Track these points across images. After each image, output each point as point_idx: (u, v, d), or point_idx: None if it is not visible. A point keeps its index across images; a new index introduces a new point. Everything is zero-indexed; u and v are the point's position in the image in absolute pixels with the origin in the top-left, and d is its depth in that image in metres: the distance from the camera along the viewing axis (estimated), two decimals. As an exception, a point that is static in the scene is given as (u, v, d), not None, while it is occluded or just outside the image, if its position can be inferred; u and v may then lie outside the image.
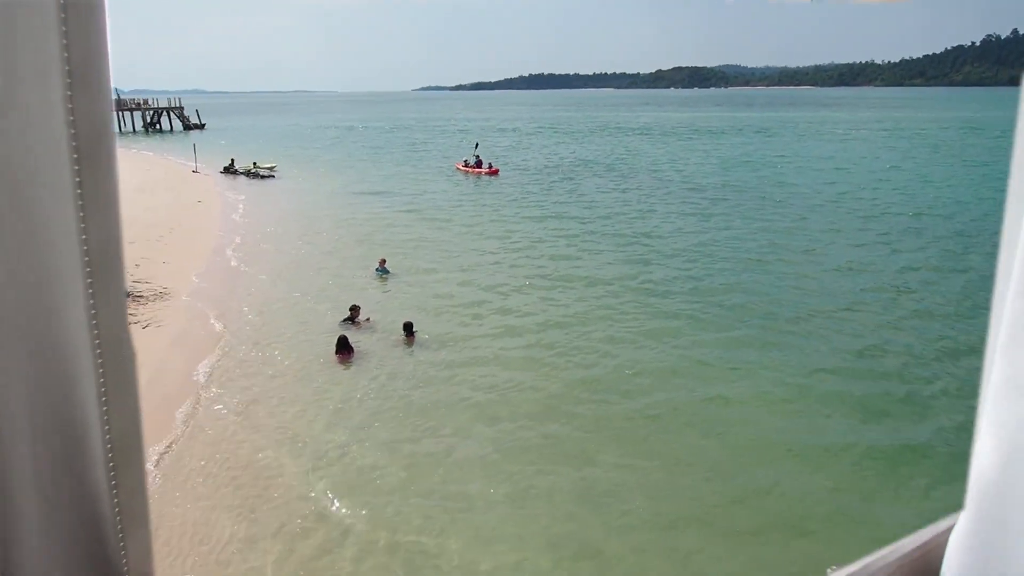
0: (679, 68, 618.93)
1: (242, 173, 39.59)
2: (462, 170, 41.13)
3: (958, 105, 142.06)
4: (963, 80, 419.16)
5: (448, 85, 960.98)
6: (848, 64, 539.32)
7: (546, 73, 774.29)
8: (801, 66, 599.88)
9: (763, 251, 20.30)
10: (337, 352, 12.53)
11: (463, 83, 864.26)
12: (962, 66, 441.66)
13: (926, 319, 14.46)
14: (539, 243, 21.68)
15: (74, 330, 0.75)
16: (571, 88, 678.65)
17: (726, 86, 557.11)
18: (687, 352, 12.69)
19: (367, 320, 14.27)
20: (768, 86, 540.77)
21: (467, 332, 13.84)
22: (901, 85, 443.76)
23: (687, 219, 25.49)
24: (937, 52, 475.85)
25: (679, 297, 15.94)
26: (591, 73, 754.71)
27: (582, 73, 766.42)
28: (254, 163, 41.63)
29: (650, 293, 16.22)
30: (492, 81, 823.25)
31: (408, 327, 13.50)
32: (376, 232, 23.69)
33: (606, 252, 20.40)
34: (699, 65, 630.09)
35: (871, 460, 9.18)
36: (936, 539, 0.99)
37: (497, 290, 16.70)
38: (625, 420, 10.18)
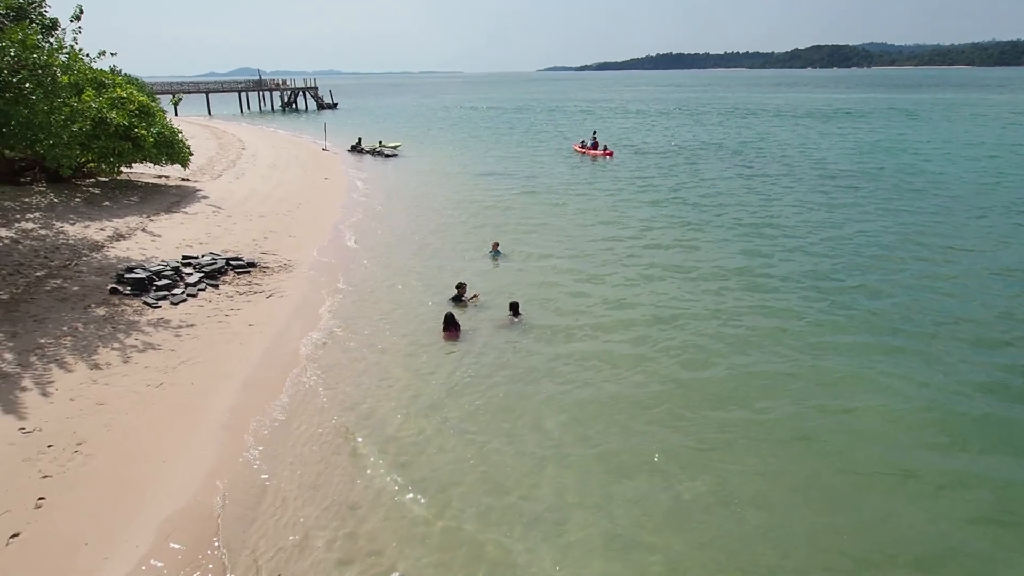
0: (817, 47, 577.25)
1: (368, 152, 41.33)
2: (579, 151, 41.18)
3: None
4: None
5: (573, 66, 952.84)
6: (1011, 42, 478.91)
7: (675, 53, 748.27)
8: (956, 44, 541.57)
9: (900, 247, 18.55)
10: (444, 330, 12.70)
11: (588, 63, 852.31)
12: None
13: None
14: (653, 230, 20.98)
15: None
16: (700, 68, 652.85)
17: (869, 66, 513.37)
18: (807, 357, 11.74)
19: (473, 298, 14.40)
20: (917, 66, 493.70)
21: (573, 320, 13.58)
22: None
23: (816, 210, 23.77)
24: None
25: (801, 295, 14.84)
26: (722, 52, 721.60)
27: (712, 53, 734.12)
28: (380, 142, 43.39)
29: (769, 290, 15.22)
30: (618, 61, 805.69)
31: (515, 307, 13.50)
32: (491, 213, 23.86)
33: (724, 243, 19.41)
34: (840, 43, 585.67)
35: (1017, 495, 8.14)
36: None
37: (607, 278, 16.31)
38: (733, 428, 9.55)
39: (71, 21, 16.08)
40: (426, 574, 6.92)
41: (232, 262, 16.12)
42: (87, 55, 16.86)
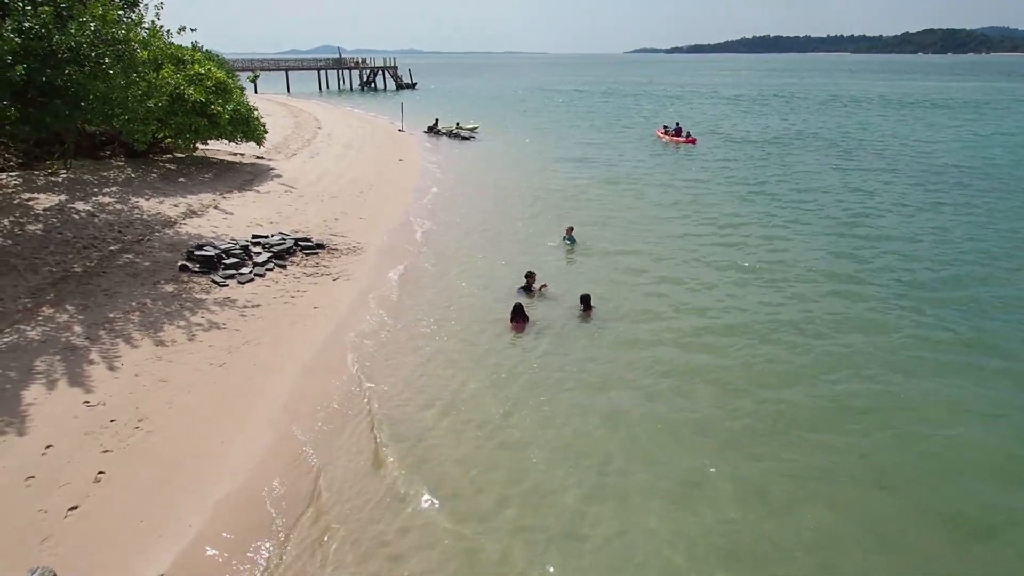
0: (930, 30, 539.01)
1: (444, 133, 41.14)
2: (661, 137, 39.96)
3: None
4: None
5: (663, 48, 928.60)
6: None
7: (772, 35, 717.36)
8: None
9: (1015, 256, 16.81)
10: (512, 320, 12.32)
11: (680, 45, 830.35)
12: None
13: None
14: (739, 227, 19.80)
15: None
16: (800, 52, 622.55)
17: (987, 52, 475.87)
18: (900, 379, 10.63)
19: (542, 287, 13.92)
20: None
21: (648, 316, 12.90)
22: None
23: (917, 208, 21.95)
24: None
25: (900, 309, 13.51)
26: (824, 36, 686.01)
27: (814, 36, 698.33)
28: (457, 124, 43.11)
29: (863, 299, 13.94)
30: (711, 44, 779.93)
31: (586, 300, 12.94)
32: (567, 200, 23.26)
33: (815, 244, 18.06)
34: (955, 27, 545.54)
35: None
36: None
37: (685, 272, 15.49)
38: (818, 464, 8.71)
39: None
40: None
41: (301, 243, 16.20)
42: (167, 31, 17.20)
